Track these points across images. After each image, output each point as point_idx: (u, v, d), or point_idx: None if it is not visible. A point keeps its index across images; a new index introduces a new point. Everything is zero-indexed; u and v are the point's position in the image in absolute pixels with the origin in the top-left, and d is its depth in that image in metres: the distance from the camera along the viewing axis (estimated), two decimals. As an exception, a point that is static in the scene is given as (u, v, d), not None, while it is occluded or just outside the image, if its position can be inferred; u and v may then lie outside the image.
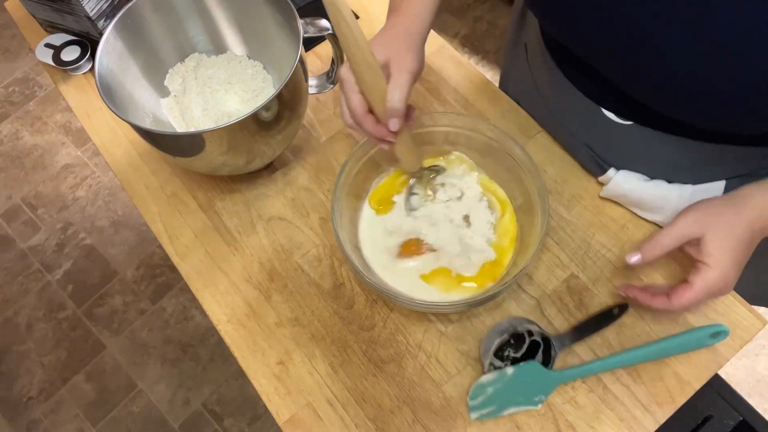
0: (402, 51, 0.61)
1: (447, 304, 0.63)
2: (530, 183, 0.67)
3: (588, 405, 0.63)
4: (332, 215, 0.65)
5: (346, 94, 0.61)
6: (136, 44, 0.73)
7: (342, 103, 0.63)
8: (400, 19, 0.64)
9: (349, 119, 0.63)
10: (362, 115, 0.61)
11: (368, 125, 0.61)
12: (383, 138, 0.62)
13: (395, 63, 0.60)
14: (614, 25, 0.52)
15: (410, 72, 0.60)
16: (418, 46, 0.63)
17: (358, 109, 0.61)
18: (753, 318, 0.66)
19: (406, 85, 0.60)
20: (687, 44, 0.47)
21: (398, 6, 0.66)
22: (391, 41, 0.62)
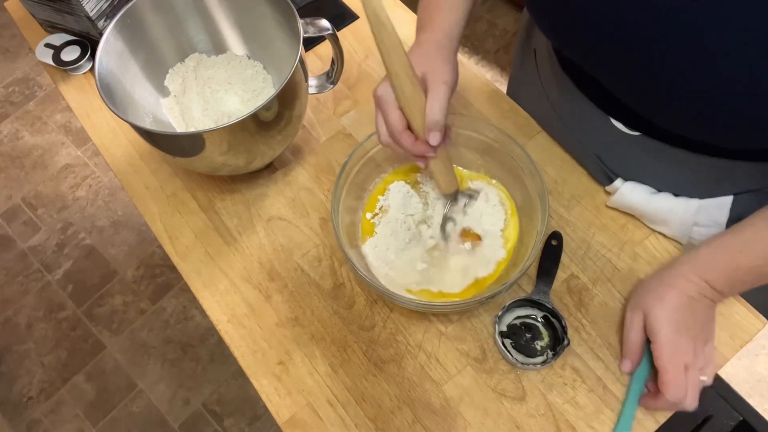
0: (437, 64, 0.60)
1: (447, 305, 0.63)
2: (530, 183, 0.67)
3: (588, 405, 0.63)
4: (332, 215, 0.65)
5: (384, 110, 0.60)
6: (136, 44, 0.73)
7: (379, 121, 0.62)
8: (430, 35, 0.64)
9: (387, 137, 0.62)
10: (401, 132, 0.60)
11: (407, 141, 0.60)
12: (423, 154, 0.61)
13: (431, 76, 0.59)
14: (618, 42, 0.51)
15: (447, 84, 0.60)
16: (452, 59, 0.63)
17: (398, 125, 0.60)
18: (753, 318, 0.66)
19: (444, 96, 0.59)
20: (692, 60, 0.47)
21: (427, 22, 0.66)
22: (425, 56, 0.61)
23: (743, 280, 0.58)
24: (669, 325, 0.57)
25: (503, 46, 1.95)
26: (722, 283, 0.58)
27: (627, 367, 0.62)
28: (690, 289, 0.58)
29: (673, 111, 0.53)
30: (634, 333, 0.61)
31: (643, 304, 0.60)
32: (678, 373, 0.57)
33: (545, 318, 0.66)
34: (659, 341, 0.58)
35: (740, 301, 0.66)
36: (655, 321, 0.58)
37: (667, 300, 0.58)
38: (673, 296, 0.58)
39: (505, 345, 0.65)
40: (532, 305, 0.66)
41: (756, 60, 0.44)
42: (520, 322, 0.67)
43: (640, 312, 0.60)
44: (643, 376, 0.62)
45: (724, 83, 0.46)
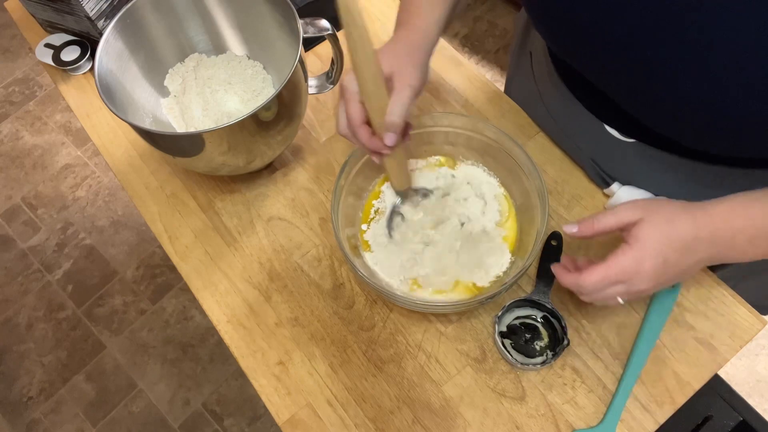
0: (406, 65, 0.60)
1: (447, 304, 0.64)
2: (530, 183, 0.67)
3: (588, 405, 0.63)
4: (332, 215, 0.65)
5: (346, 102, 0.60)
6: (136, 44, 0.73)
7: (340, 111, 0.62)
8: (406, 34, 0.63)
9: (345, 128, 0.62)
10: (358, 125, 0.60)
11: (363, 136, 0.61)
12: (378, 150, 0.62)
13: (398, 77, 0.59)
14: (616, 48, 0.51)
15: (412, 87, 0.59)
16: (423, 62, 0.62)
17: (356, 118, 0.60)
18: (753, 318, 0.66)
19: (407, 100, 0.59)
20: (693, 67, 0.46)
21: (406, 21, 0.65)
22: (396, 55, 0.61)
23: (758, 243, 0.52)
24: (656, 257, 0.51)
25: (503, 46, 1.95)
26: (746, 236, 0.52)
27: (572, 229, 0.56)
28: (705, 230, 0.52)
29: (672, 118, 0.53)
30: (613, 221, 0.54)
31: (649, 211, 0.53)
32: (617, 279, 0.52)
33: (545, 318, 0.66)
34: (631, 245, 0.52)
35: (740, 301, 0.66)
36: (646, 238, 0.52)
37: (676, 225, 0.52)
38: (684, 225, 0.52)
39: (505, 345, 0.65)
40: (532, 305, 0.66)
41: (757, 69, 0.43)
42: (520, 323, 0.67)
43: (639, 213, 0.53)
44: (637, 369, 0.62)
45: (725, 91, 0.46)
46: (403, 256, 0.69)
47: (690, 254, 0.52)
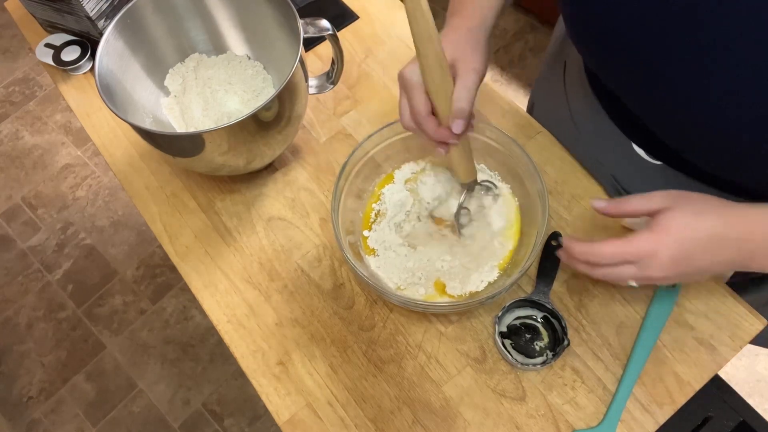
0: (468, 51, 0.59)
1: (447, 305, 0.63)
2: (530, 183, 0.67)
3: (588, 406, 0.63)
4: (332, 215, 0.65)
5: (409, 93, 0.59)
6: (136, 44, 0.73)
7: (402, 104, 0.61)
8: (462, 21, 0.63)
9: (409, 121, 0.61)
10: (425, 116, 0.59)
11: (430, 127, 0.59)
12: (445, 140, 0.60)
13: (462, 63, 0.58)
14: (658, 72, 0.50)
15: (477, 72, 0.58)
16: (483, 47, 0.61)
17: (422, 109, 0.59)
18: (753, 318, 0.66)
19: (473, 85, 0.58)
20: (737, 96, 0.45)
21: (460, 8, 0.64)
22: (456, 42, 0.60)
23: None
24: (676, 246, 0.49)
25: (503, 46, 1.95)
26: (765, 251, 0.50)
27: (599, 204, 0.55)
28: (735, 230, 0.49)
29: (703, 145, 0.51)
30: (643, 205, 0.53)
31: (680, 201, 0.51)
32: (629, 256, 0.51)
33: (545, 318, 0.66)
34: (651, 229, 0.50)
35: (740, 301, 0.66)
36: (670, 225, 0.49)
37: (704, 219, 0.50)
38: (713, 221, 0.49)
39: (505, 345, 0.65)
40: (532, 305, 0.66)
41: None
42: (520, 323, 0.67)
43: (669, 202, 0.51)
44: (637, 369, 0.62)
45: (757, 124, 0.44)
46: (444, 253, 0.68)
47: (714, 252, 0.50)
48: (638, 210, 0.53)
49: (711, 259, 0.51)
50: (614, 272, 0.53)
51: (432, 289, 0.68)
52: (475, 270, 0.68)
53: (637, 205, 0.53)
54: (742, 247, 0.50)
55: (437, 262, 0.68)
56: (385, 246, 0.70)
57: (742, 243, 0.50)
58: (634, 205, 0.53)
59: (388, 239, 0.70)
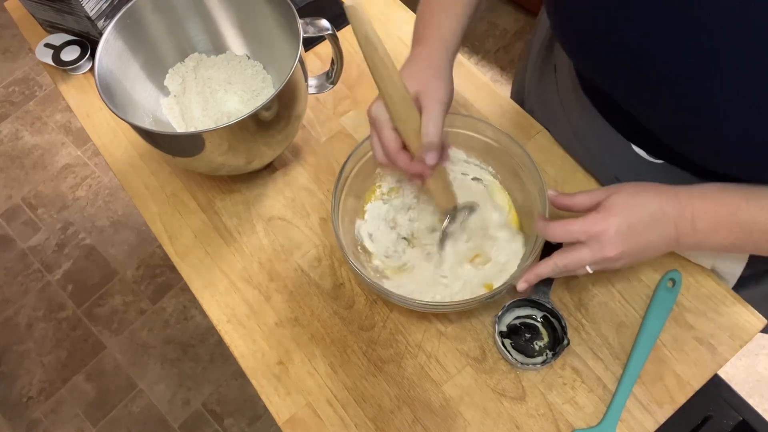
0: (432, 82, 0.60)
1: (446, 305, 0.63)
2: (530, 183, 0.67)
3: (588, 405, 0.63)
4: (332, 215, 0.65)
5: (379, 131, 0.60)
6: (136, 44, 0.73)
7: (374, 141, 0.61)
8: (426, 50, 0.63)
9: (383, 157, 0.61)
10: (396, 152, 0.59)
11: (403, 162, 0.60)
12: (420, 173, 0.61)
13: (426, 95, 0.59)
14: (646, 70, 0.51)
15: (442, 103, 0.59)
16: (447, 76, 0.62)
17: (393, 145, 0.59)
18: (753, 318, 0.66)
19: (439, 116, 0.58)
20: (728, 92, 0.46)
21: (424, 35, 0.64)
22: (419, 73, 0.60)
23: (730, 229, 0.53)
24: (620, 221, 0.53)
25: (503, 46, 1.95)
26: (707, 220, 0.53)
27: (551, 192, 0.59)
28: (670, 205, 0.53)
29: (712, 146, 0.52)
30: (586, 200, 0.56)
31: (620, 188, 0.55)
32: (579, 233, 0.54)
33: (545, 318, 0.66)
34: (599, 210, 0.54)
35: (740, 301, 0.66)
36: (614, 204, 0.53)
37: (643, 197, 0.54)
38: (650, 198, 0.53)
39: (505, 345, 0.65)
40: (532, 305, 0.66)
41: None
42: (520, 322, 0.67)
43: (612, 190, 0.55)
44: (637, 369, 0.62)
45: (757, 117, 0.45)
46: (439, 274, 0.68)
47: (657, 225, 0.53)
48: (583, 204, 0.57)
49: (656, 234, 0.54)
50: (571, 255, 0.55)
51: None
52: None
53: (582, 199, 0.57)
54: (681, 221, 0.53)
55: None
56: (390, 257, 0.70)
57: (679, 218, 0.53)
58: (579, 199, 0.57)
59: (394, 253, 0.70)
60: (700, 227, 0.53)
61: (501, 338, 0.65)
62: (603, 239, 0.53)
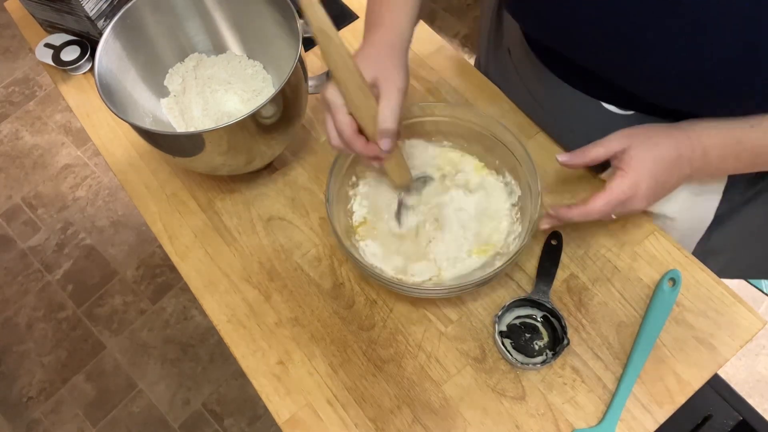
0: (389, 68, 0.60)
1: (440, 289, 0.64)
2: (522, 170, 0.67)
3: (587, 405, 0.63)
4: (327, 209, 0.65)
5: (334, 115, 0.60)
6: (135, 44, 0.73)
7: (329, 125, 0.61)
8: (380, 36, 0.63)
9: (337, 141, 0.61)
10: (352, 136, 0.60)
11: (359, 146, 0.60)
12: (376, 156, 0.61)
13: (384, 82, 0.59)
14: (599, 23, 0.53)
15: (400, 90, 0.59)
16: (403, 62, 0.62)
17: (348, 129, 0.59)
18: (753, 318, 0.66)
19: (398, 104, 0.59)
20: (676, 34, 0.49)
21: (377, 21, 0.64)
22: (375, 60, 0.60)
23: (738, 156, 0.57)
24: (649, 178, 0.57)
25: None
26: (717, 152, 0.57)
27: (563, 158, 0.61)
28: (684, 147, 0.57)
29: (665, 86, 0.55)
30: (601, 151, 0.59)
31: (635, 138, 0.58)
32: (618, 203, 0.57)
33: (545, 318, 0.66)
34: (625, 171, 0.57)
35: (740, 301, 0.66)
36: (638, 162, 0.57)
37: (661, 147, 0.57)
38: (667, 146, 0.57)
39: (505, 345, 0.65)
40: (532, 305, 0.66)
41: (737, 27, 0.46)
42: (520, 322, 0.67)
43: (626, 141, 0.58)
44: (637, 368, 0.62)
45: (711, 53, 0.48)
46: (421, 242, 0.69)
47: (675, 171, 0.58)
48: (599, 156, 0.59)
49: (675, 178, 0.58)
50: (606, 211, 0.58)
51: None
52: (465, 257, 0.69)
53: (597, 152, 0.59)
54: (694, 159, 0.57)
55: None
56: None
57: (692, 157, 0.57)
58: (594, 153, 0.59)
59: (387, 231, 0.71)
60: (710, 159, 0.57)
61: (501, 338, 0.65)
62: (635, 199, 0.57)
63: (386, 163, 0.65)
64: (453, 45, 1.89)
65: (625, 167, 0.57)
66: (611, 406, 0.61)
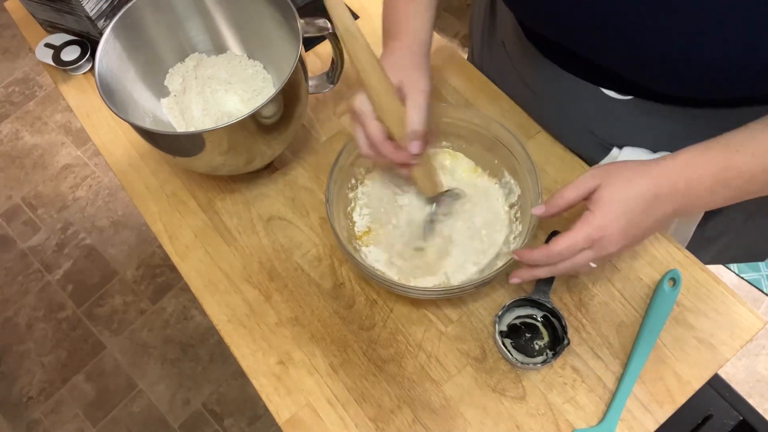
0: (412, 73, 0.61)
1: (439, 290, 0.64)
2: (523, 171, 0.67)
3: (588, 405, 0.63)
4: (327, 210, 0.65)
5: (363, 122, 0.60)
6: (136, 44, 0.73)
7: (358, 134, 0.62)
8: (400, 43, 0.64)
9: (367, 149, 0.62)
10: (382, 142, 0.60)
11: (389, 151, 0.61)
12: (406, 162, 0.62)
13: (408, 86, 0.60)
14: (591, 10, 0.53)
15: (425, 92, 0.60)
16: (425, 66, 0.63)
17: (378, 135, 0.60)
18: (753, 318, 0.66)
19: (423, 105, 0.59)
20: (661, 19, 0.49)
21: (396, 30, 0.65)
22: (398, 65, 0.61)
23: (728, 185, 0.53)
24: (619, 219, 0.53)
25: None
26: (706, 183, 0.53)
27: (540, 210, 0.58)
28: (663, 185, 0.53)
29: (664, 74, 0.54)
30: (574, 193, 0.56)
31: (607, 176, 0.55)
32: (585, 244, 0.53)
33: (545, 317, 0.66)
34: (593, 211, 0.53)
35: (740, 301, 0.66)
36: (607, 203, 0.53)
37: (635, 186, 0.53)
38: (643, 185, 0.53)
39: (505, 344, 0.65)
40: (532, 305, 0.66)
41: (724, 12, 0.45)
42: (520, 322, 0.67)
43: (598, 180, 0.55)
44: (637, 368, 0.62)
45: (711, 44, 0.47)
46: (430, 259, 0.69)
47: (653, 211, 0.54)
48: (572, 199, 0.56)
49: (654, 217, 0.54)
50: (574, 262, 0.55)
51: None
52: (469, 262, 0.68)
53: (569, 195, 0.56)
54: (676, 195, 0.54)
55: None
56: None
57: (674, 193, 0.54)
58: (566, 197, 0.56)
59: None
60: (697, 193, 0.54)
61: (501, 338, 0.65)
62: (605, 241, 0.53)
63: (416, 171, 0.65)
64: (453, 45, 1.89)
65: (593, 208, 0.54)
66: (611, 405, 0.61)
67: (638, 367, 0.62)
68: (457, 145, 0.74)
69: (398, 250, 0.70)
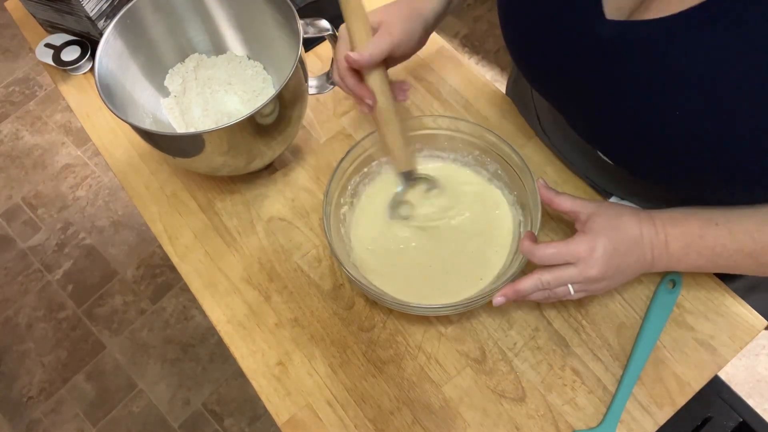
0: (394, 20, 0.62)
1: (443, 307, 0.63)
2: (526, 181, 0.67)
3: (587, 406, 0.63)
4: (324, 222, 0.65)
5: (337, 50, 0.63)
6: (136, 44, 0.73)
7: (334, 59, 0.64)
8: (407, 2, 0.65)
9: (337, 75, 0.64)
10: (345, 69, 0.62)
11: (349, 81, 0.62)
12: (362, 97, 0.62)
13: (383, 27, 0.61)
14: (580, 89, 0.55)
15: (392, 37, 0.61)
16: (414, 24, 0.64)
17: (343, 63, 0.62)
18: (753, 318, 0.66)
19: (383, 45, 0.60)
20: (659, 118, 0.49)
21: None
22: (389, 11, 0.63)
23: (700, 252, 0.56)
24: (607, 244, 0.55)
25: (503, 47, 1.95)
26: (679, 244, 0.56)
27: (540, 182, 0.63)
28: (647, 229, 0.56)
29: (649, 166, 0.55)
30: (570, 204, 0.60)
31: (604, 208, 0.58)
32: (566, 257, 0.56)
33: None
34: (587, 243, 0.56)
35: (740, 302, 0.66)
36: (599, 227, 0.56)
37: (624, 221, 0.57)
38: (631, 223, 0.56)
39: None
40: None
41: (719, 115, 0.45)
42: None
43: (593, 207, 0.59)
44: (637, 370, 0.62)
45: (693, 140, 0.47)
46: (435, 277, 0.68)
47: (636, 250, 0.57)
48: (562, 206, 0.61)
49: (635, 257, 0.57)
50: (559, 274, 0.57)
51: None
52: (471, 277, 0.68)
53: (567, 203, 0.61)
54: (655, 248, 0.57)
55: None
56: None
57: (654, 245, 0.57)
58: (560, 200, 0.61)
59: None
60: (672, 250, 0.57)
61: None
62: (589, 260, 0.55)
63: (386, 135, 0.65)
64: (453, 45, 1.89)
65: (586, 230, 0.57)
66: (611, 407, 0.61)
67: (638, 369, 0.62)
68: (453, 157, 0.74)
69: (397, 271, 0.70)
